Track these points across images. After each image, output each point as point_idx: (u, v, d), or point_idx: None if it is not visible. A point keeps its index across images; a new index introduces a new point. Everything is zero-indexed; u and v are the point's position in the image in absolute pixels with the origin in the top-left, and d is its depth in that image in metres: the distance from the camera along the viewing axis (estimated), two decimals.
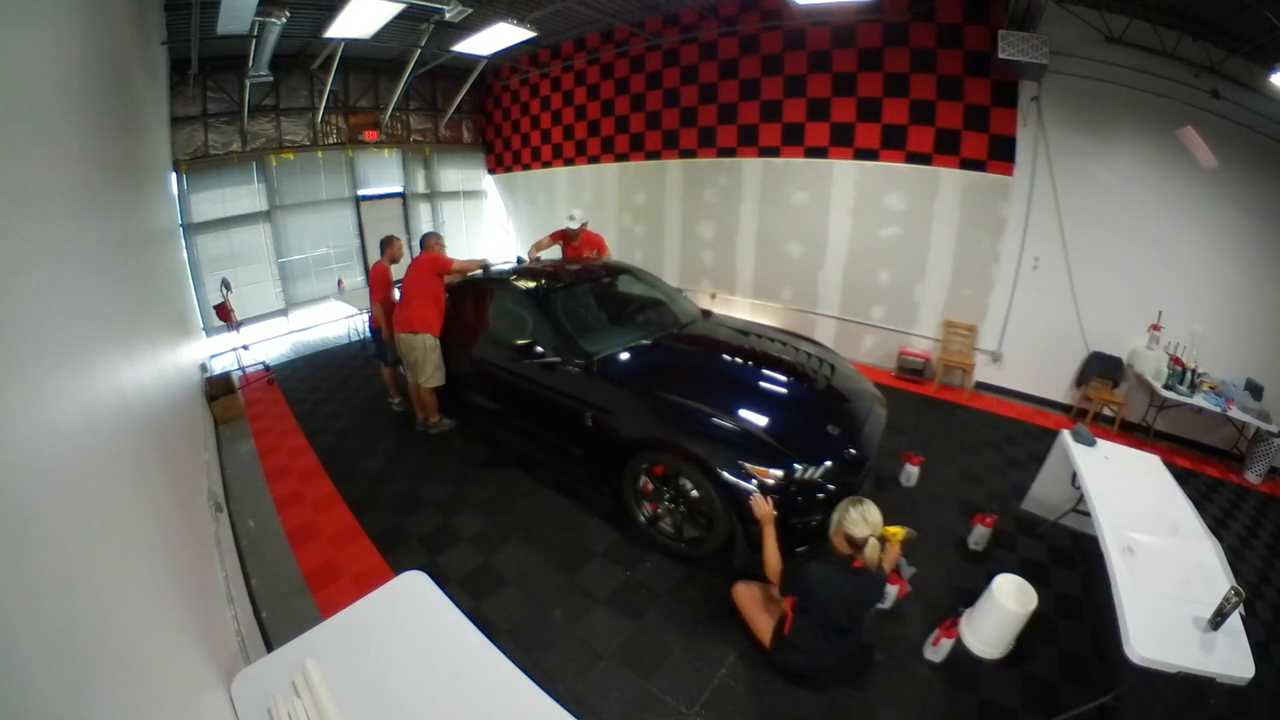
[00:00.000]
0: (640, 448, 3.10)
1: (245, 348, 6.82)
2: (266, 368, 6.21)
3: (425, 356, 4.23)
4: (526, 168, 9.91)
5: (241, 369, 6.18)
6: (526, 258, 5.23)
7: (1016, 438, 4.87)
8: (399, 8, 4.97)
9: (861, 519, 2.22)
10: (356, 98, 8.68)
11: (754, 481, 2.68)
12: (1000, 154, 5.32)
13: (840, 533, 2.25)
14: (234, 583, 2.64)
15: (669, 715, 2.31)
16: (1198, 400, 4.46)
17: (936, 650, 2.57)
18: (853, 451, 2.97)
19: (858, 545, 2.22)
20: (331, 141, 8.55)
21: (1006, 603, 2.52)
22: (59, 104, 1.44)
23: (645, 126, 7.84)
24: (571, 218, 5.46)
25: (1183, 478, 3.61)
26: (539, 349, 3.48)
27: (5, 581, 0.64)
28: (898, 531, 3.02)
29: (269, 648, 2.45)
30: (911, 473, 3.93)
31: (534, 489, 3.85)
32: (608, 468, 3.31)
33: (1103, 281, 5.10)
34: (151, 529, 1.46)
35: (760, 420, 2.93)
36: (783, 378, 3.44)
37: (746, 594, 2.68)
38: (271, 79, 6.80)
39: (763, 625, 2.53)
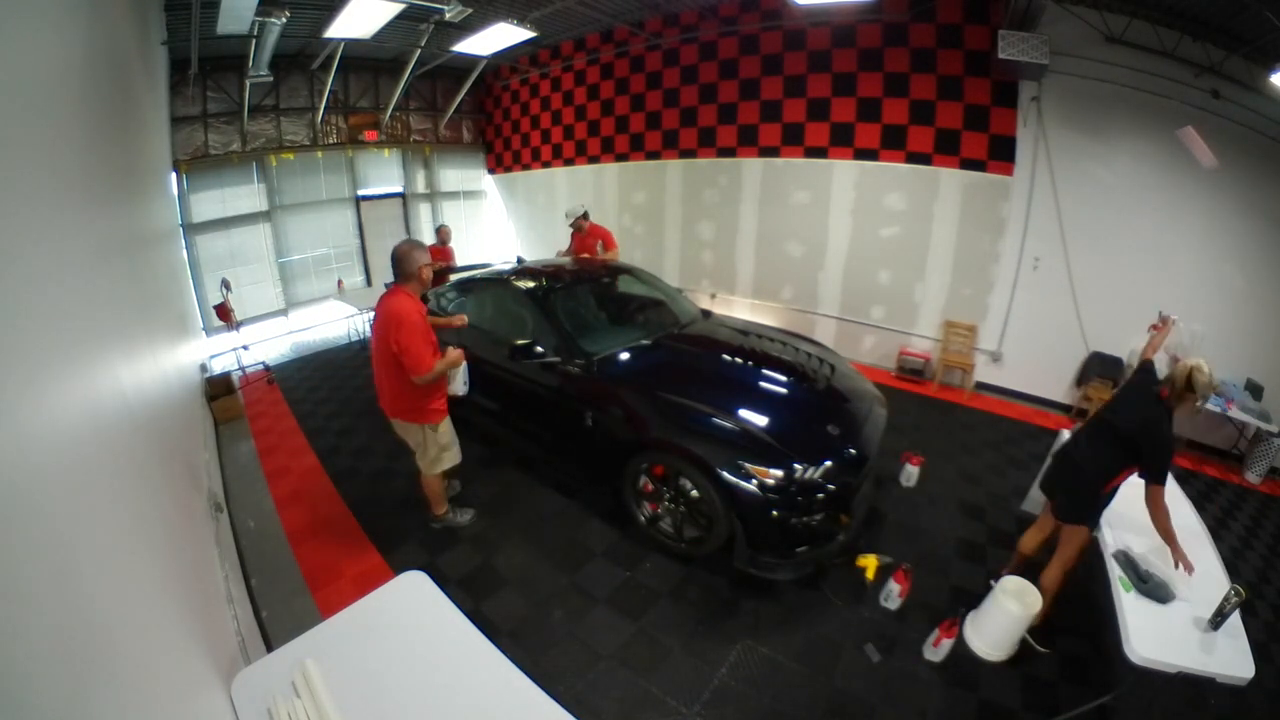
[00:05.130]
0: (640, 448, 3.10)
1: (245, 348, 6.83)
2: (266, 368, 6.21)
3: (427, 442, 3.14)
4: (526, 168, 9.91)
5: (241, 369, 6.18)
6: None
7: (1016, 438, 4.87)
8: (399, 8, 4.97)
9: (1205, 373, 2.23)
10: (356, 98, 8.68)
11: (754, 481, 2.68)
12: (1000, 154, 5.32)
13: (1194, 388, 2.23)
14: (234, 583, 2.64)
15: (669, 715, 2.31)
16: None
17: (937, 650, 2.57)
18: (853, 451, 2.97)
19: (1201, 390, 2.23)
20: (331, 141, 8.55)
21: (1010, 605, 2.52)
22: (59, 104, 1.44)
23: (645, 126, 7.84)
24: (566, 215, 5.54)
25: (1183, 478, 3.61)
26: (539, 349, 3.48)
27: (5, 581, 0.64)
28: (872, 560, 3.05)
29: (269, 648, 2.45)
30: (911, 473, 3.93)
31: (534, 489, 3.85)
32: (608, 468, 3.31)
33: (1103, 281, 5.10)
34: (151, 529, 1.46)
35: (760, 420, 2.92)
36: (783, 378, 3.44)
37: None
38: (271, 79, 6.80)
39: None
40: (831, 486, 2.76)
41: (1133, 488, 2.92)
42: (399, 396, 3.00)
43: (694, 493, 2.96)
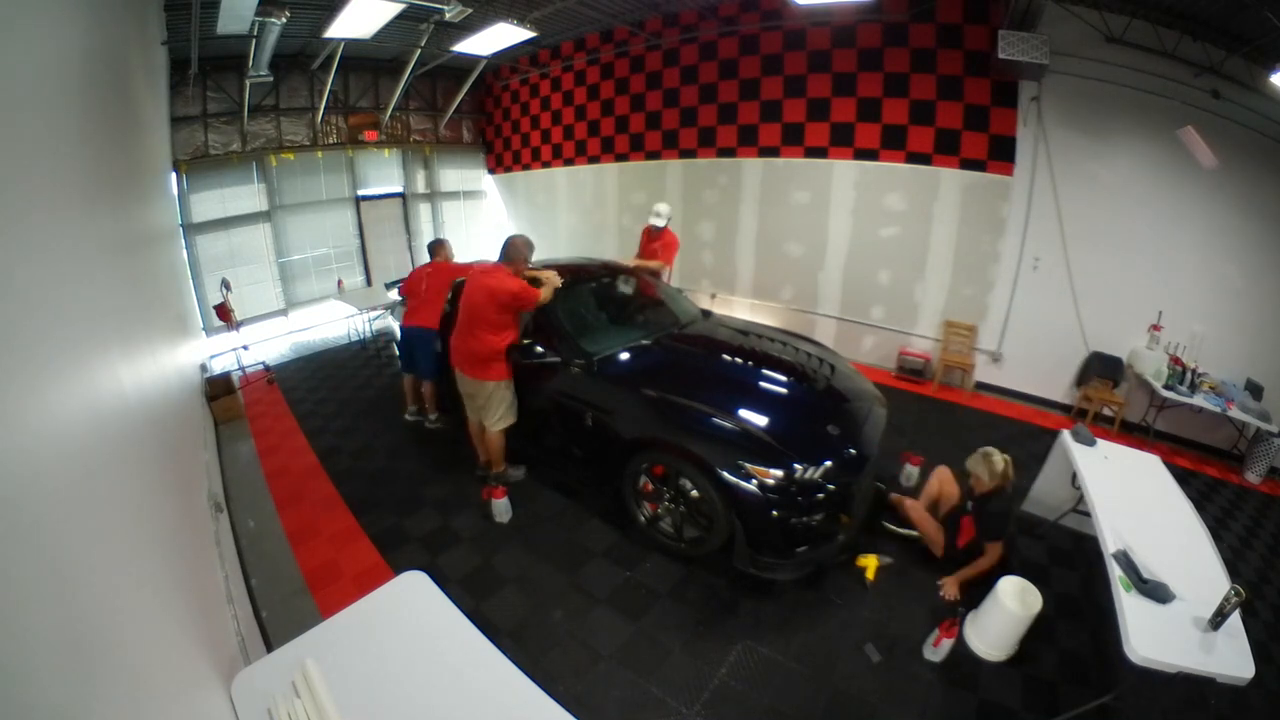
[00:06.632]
0: (640, 448, 3.10)
1: (245, 348, 6.83)
2: (266, 368, 6.21)
3: (495, 398, 3.56)
4: (526, 168, 9.91)
5: (241, 369, 6.18)
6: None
7: (1016, 438, 4.87)
8: (399, 8, 4.97)
9: (999, 458, 2.93)
10: (356, 98, 8.68)
11: (754, 481, 2.68)
12: (1000, 154, 5.32)
13: (996, 475, 2.90)
14: (234, 583, 2.64)
15: (669, 715, 2.31)
16: (1198, 400, 4.46)
17: (937, 650, 2.57)
18: (853, 451, 2.97)
19: (1006, 477, 2.92)
20: (331, 141, 8.55)
21: (1011, 605, 2.52)
22: (59, 104, 1.44)
23: (645, 126, 7.84)
24: (658, 214, 5.43)
25: (1183, 478, 3.61)
26: (539, 349, 3.48)
27: (5, 581, 0.64)
28: (873, 561, 3.05)
29: (269, 648, 2.45)
30: (911, 473, 3.93)
31: (534, 489, 3.85)
32: (608, 468, 3.31)
33: (1103, 281, 5.10)
34: (151, 529, 1.46)
35: (760, 420, 2.92)
36: (783, 378, 3.44)
37: (921, 514, 3.22)
38: (271, 79, 6.79)
39: (936, 539, 3.14)
40: (831, 486, 2.76)
41: (1133, 477, 2.93)
42: (477, 355, 3.46)
43: (694, 493, 2.96)
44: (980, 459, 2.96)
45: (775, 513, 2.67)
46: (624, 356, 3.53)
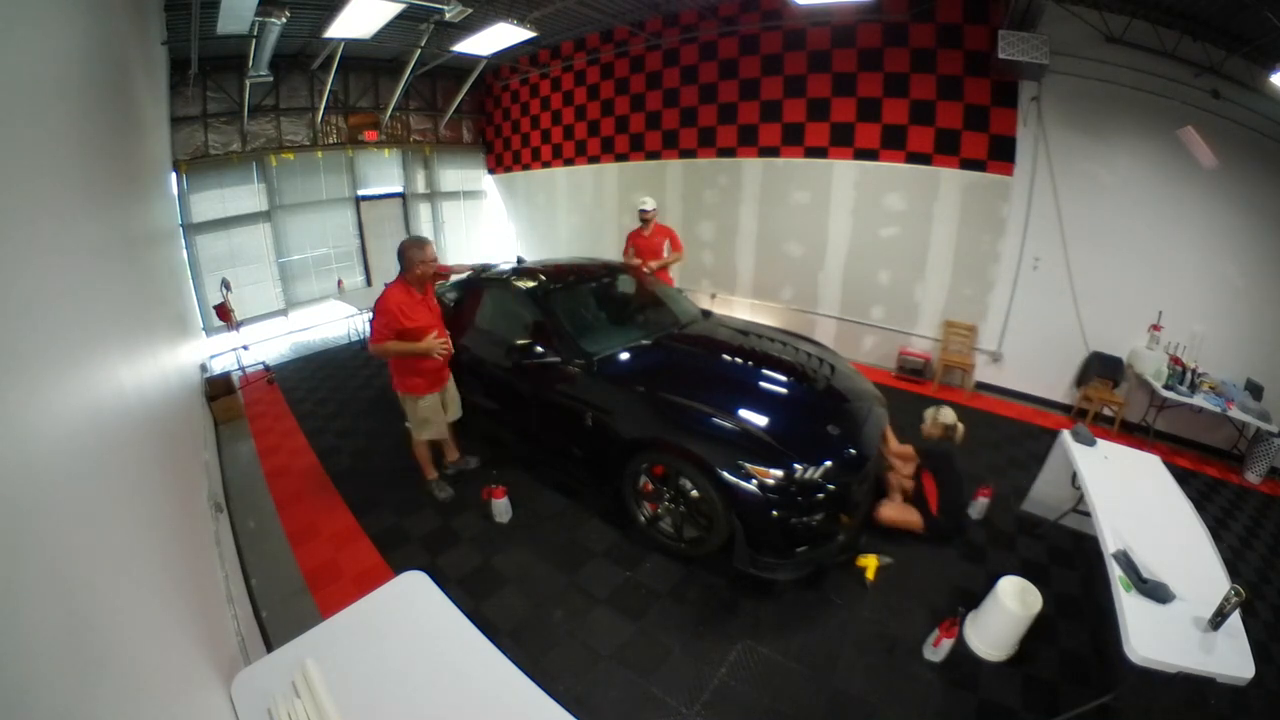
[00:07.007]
0: (640, 447, 3.10)
1: (245, 348, 6.83)
2: (266, 368, 6.21)
3: (404, 406, 3.57)
4: (526, 168, 9.91)
5: (241, 369, 6.18)
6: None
7: (1016, 438, 4.87)
8: (399, 8, 4.97)
9: (949, 412, 3.35)
10: (356, 98, 8.68)
11: (754, 482, 2.68)
12: (1000, 154, 5.32)
13: (938, 424, 3.34)
14: (234, 583, 2.64)
15: (669, 715, 2.31)
16: (1198, 400, 4.45)
17: (937, 650, 2.57)
18: (853, 451, 2.97)
19: (951, 428, 3.31)
20: (331, 141, 8.55)
21: (1011, 605, 2.52)
22: (59, 104, 1.44)
23: (645, 126, 7.84)
24: (642, 203, 5.57)
25: (1183, 478, 3.61)
26: (539, 349, 3.47)
27: (5, 581, 0.64)
28: (873, 561, 3.06)
29: (269, 648, 2.45)
30: None
31: (534, 489, 3.85)
32: (608, 468, 3.31)
33: (1103, 281, 5.10)
34: (151, 529, 1.46)
35: (760, 420, 2.92)
36: (783, 378, 3.44)
37: (894, 509, 3.38)
38: (271, 79, 6.80)
39: (915, 521, 3.32)
40: (831, 486, 2.76)
41: (1133, 477, 2.93)
42: (393, 369, 3.49)
43: (694, 493, 2.96)
44: (934, 409, 3.38)
45: (775, 513, 2.67)
46: (624, 356, 3.53)
